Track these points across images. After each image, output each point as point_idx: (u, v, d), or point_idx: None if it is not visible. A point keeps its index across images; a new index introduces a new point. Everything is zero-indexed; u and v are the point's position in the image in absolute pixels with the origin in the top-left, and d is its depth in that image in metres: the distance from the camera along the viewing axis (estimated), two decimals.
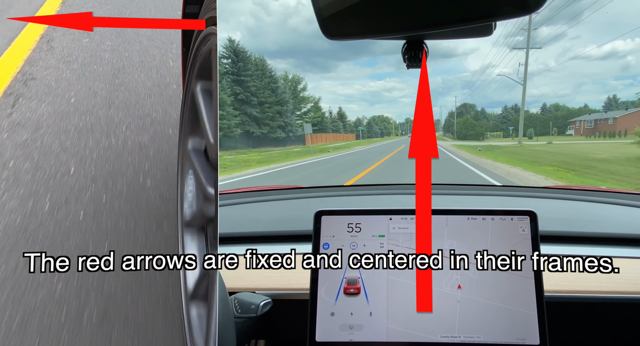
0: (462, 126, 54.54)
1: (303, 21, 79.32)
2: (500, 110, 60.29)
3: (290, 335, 0.95)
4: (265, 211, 1.36)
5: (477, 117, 61.31)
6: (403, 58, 0.60)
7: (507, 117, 57.23)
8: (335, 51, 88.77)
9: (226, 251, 1.08)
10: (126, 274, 1.62)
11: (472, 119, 57.73)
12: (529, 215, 0.81)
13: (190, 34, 1.27)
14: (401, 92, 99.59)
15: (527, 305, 0.77)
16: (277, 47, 79.55)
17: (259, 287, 0.93)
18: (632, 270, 0.94)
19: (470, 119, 57.56)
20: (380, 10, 0.50)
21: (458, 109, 65.40)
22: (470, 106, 66.10)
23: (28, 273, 1.57)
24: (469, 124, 54.46)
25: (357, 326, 0.79)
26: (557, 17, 50.94)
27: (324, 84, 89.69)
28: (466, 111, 62.83)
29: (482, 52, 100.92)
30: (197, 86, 1.18)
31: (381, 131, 71.24)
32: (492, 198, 1.42)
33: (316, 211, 0.84)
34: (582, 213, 1.29)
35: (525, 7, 0.46)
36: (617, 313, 0.89)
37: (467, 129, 53.14)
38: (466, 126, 54.01)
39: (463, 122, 55.64)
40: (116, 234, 1.77)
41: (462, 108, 64.37)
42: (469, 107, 65.59)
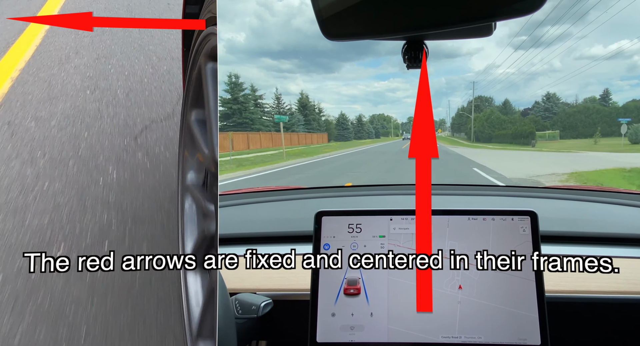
0: (483, 123, 39.78)
1: (307, 21, 79.42)
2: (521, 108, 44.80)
3: (291, 336, 0.95)
4: (265, 212, 1.36)
5: (505, 111, 43.70)
6: (403, 58, 0.60)
7: (551, 110, 39.92)
8: (338, 52, 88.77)
9: (226, 251, 1.08)
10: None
11: (500, 113, 41.10)
12: (530, 215, 0.81)
13: (190, 34, 1.27)
14: (405, 92, 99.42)
15: (528, 305, 0.77)
16: (281, 47, 79.66)
17: (259, 288, 0.93)
18: (633, 270, 0.94)
19: (496, 112, 41.02)
20: (380, 10, 0.50)
21: (474, 101, 49.36)
22: (486, 100, 50.06)
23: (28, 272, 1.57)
24: (494, 121, 39.02)
25: (358, 326, 0.79)
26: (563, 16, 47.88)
27: (328, 85, 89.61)
28: (483, 105, 47.92)
29: (487, 52, 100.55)
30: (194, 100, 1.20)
31: (376, 130, 61.71)
32: (492, 198, 1.42)
33: (316, 211, 0.84)
34: (583, 213, 1.29)
35: (525, 7, 0.46)
36: (617, 313, 0.89)
37: (493, 128, 38.24)
38: (491, 123, 38.89)
39: (485, 117, 40.23)
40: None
41: (477, 101, 49.39)
42: (485, 100, 49.93)
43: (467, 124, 47.35)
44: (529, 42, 53.27)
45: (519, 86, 60.39)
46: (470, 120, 44.00)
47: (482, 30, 0.55)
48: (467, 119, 47.41)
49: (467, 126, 46.07)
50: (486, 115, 41.03)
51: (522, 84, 54.25)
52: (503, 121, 38.81)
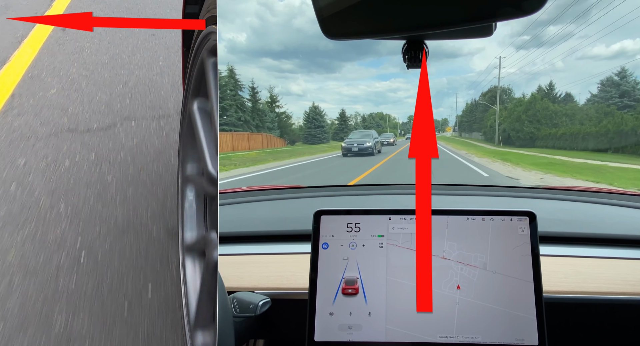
0: (516, 118, 25.69)
1: (308, 21, 79.33)
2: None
3: (289, 335, 0.95)
4: (264, 211, 1.36)
5: (553, 99, 27.99)
6: (403, 58, 0.60)
7: (632, 95, 25.02)
8: (339, 51, 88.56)
9: (226, 250, 1.08)
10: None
11: (549, 101, 26.37)
12: (529, 216, 0.81)
13: (190, 34, 1.27)
14: (406, 92, 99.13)
15: (526, 306, 0.77)
16: (282, 47, 79.51)
17: (257, 286, 0.93)
18: (631, 271, 0.94)
19: (541, 99, 26.09)
20: (380, 10, 0.50)
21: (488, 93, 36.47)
22: (505, 91, 35.53)
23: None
24: (539, 113, 24.67)
25: (356, 326, 0.79)
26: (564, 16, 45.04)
27: (329, 85, 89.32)
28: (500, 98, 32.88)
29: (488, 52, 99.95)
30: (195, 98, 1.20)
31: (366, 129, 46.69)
32: (491, 198, 1.42)
33: (315, 210, 0.84)
34: (582, 214, 1.29)
35: (525, 8, 0.46)
36: (616, 314, 0.89)
37: (536, 123, 24.37)
38: (532, 117, 24.59)
39: (522, 108, 25.53)
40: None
41: (492, 94, 35.36)
42: (503, 92, 35.29)
43: (485, 120, 33.08)
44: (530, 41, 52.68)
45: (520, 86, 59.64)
46: (493, 112, 29.80)
47: (482, 31, 0.55)
48: (485, 113, 33.96)
49: (486, 122, 31.91)
50: (523, 105, 25.50)
51: (523, 83, 53.46)
52: (554, 113, 23.95)
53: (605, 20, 46.62)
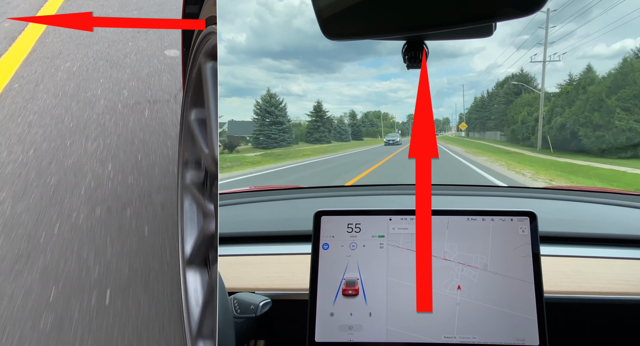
0: (588, 108, 15.46)
1: (307, 21, 79.41)
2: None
3: (290, 335, 0.95)
4: (265, 211, 1.36)
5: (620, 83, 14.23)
6: (403, 58, 0.60)
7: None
8: (339, 52, 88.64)
9: (226, 251, 1.08)
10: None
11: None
12: (529, 216, 0.81)
13: (190, 34, 1.27)
14: (407, 93, 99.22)
15: (527, 306, 0.77)
16: (282, 47, 79.55)
17: (258, 287, 0.93)
18: (632, 271, 0.94)
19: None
20: (380, 10, 0.50)
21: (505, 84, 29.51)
22: (524, 77, 29.17)
23: None
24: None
25: (357, 326, 0.79)
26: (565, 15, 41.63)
27: (330, 85, 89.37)
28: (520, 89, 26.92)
29: (489, 52, 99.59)
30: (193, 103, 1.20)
31: (356, 130, 43.57)
32: (492, 198, 1.42)
33: (316, 211, 0.84)
34: (582, 214, 1.29)
35: (525, 8, 0.46)
36: (617, 314, 0.89)
37: (637, 114, 13.44)
38: (629, 100, 13.84)
39: (606, 88, 14.92)
40: None
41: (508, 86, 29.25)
42: (523, 77, 29.07)
43: (510, 114, 25.05)
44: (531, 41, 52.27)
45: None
46: (527, 101, 21.46)
47: (482, 31, 0.55)
48: (510, 105, 25.94)
49: (515, 117, 23.24)
50: (608, 78, 15.96)
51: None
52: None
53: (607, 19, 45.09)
